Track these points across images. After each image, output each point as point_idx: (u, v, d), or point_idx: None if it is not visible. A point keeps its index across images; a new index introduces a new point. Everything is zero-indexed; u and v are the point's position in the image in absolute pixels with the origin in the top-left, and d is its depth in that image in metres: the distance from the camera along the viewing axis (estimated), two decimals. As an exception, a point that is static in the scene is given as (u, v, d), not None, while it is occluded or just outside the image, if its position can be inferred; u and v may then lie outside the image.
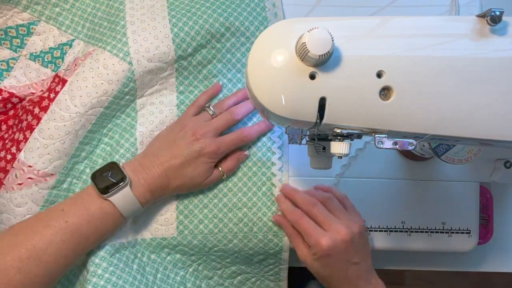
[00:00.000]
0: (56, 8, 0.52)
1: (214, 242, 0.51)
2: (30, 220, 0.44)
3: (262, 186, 0.52)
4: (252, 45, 0.34)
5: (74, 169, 0.50)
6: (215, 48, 0.50)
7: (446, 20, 0.34)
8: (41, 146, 0.47)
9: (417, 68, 0.32)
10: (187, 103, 0.52)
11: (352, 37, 0.33)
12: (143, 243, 0.51)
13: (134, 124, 0.51)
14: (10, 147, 0.48)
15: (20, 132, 0.49)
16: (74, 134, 0.47)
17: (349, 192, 0.54)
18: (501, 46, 0.33)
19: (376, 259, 0.61)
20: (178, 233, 0.51)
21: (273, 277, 0.54)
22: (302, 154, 0.52)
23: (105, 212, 0.44)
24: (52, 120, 0.47)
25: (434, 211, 0.54)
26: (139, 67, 0.48)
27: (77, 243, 0.43)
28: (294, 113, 0.33)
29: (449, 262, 0.62)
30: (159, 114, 0.52)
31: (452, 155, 0.48)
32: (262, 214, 0.52)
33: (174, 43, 0.48)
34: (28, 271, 0.41)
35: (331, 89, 0.32)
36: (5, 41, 0.53)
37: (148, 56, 0.48)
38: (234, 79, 0.53)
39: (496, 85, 0.33)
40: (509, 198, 0.61)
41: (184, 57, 0.49)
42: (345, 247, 0.45)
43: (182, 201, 0.52)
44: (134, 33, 0.48)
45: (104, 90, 0.47)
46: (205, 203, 0.52)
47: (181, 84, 0.52)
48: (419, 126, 0.33)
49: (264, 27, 0.52)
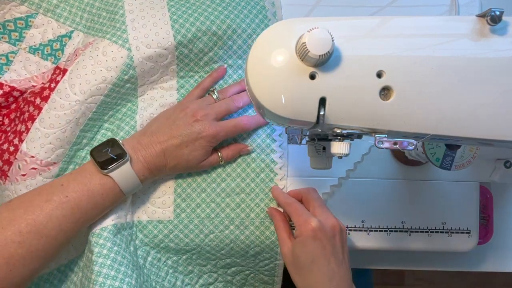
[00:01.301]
0: (54, 0, 0.52)
1: (211, 228, 0.51)
2: (29, 194, 0.44)
3: (261, 173, 0.52)
4: (252, 45, 0.34)
5: (76, 156, 0.50)
6: (216, 35, 0.50)
7: (446, 20, 0.34)
8: (42, 135, 0.47)
9: (417, 68, 0.32)
10: (188, 87, 0.52)
11: (352, 37, 0.33)
12: (139, 225, 0.51)
13: (135, 109, 0.51)
14: (13, 139, 0.48)
15: (22, 124, 0.49)
16: (75, 122, 0.47)
17: (349, 192, 0.54)
18: (501, 46, 0.33)
19: (376, 259, 0.61)
20: (175, 216, 0.51)
21: (268, 272, 0.54)
22: (302, 154, 0.52)
23: (105, 188, 0.44)
24: (53, 109, 0.47)
25: (434, 211, 0.54)
26: (138, 53, 0.48)
27: (77, 218, 0.43)
28: (294, 113, 0.33)
29: (449, 262, 0.62)
30: (160, 98, 0.52)
31: (458, 161, 0.47)
32: (260, 200, 0.52)
33: (173, 29, 0.48)
34: (28, 245, 0.40)
35: (331, 89, 0.32)
36: (4, 35, 0.53)
37: (147, 41, 0.48)
38: (235, 65, 0.53)
39: (496, 85, 0.33)
40: (509, 198, 0.61)
41: (184, 44, 0.49)
42: (332, 234, 0.44)
43: (180, 184, 0.52)
44: (133, 21, 0.49)
45: (103, 77, 0.47)
46: (203, 188, 0.52)
47: (182, 70, 0.52)
48: (419, 126, 0.33)
49: (263, 15, 0.52)
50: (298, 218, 0.45)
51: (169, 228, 0.51)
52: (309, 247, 0.44)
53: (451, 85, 0.33)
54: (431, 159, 0.47)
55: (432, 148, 0.47)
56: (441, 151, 0.47)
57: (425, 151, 0.47)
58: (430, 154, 0.47)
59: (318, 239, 0.44)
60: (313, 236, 0.44)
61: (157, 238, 0.51)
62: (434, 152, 0.47)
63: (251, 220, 0.51)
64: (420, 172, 0.55)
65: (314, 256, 0.44)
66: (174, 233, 0.51)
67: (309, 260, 0.44)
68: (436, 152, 0.47)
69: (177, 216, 0.51)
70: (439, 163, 0.47)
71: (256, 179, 0.52)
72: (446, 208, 0.54)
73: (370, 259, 0.60)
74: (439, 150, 0.47)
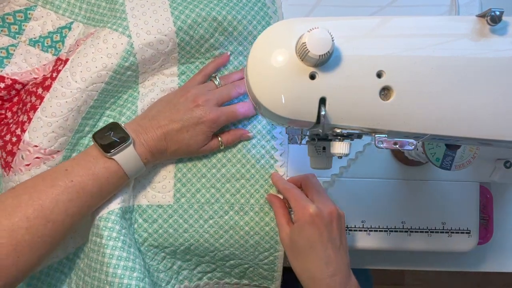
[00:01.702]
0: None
1: (210, 213, 0.51)
2: (33, 180, 0.43)
3: (261, 159, 0.52)
4: (252, 45, 0.34)
5: (79, 143, 0.50)
6: (217, 21, 0.50)
7: (446, 20, 0.34)
8: (44, 124, 0.47)
9: (417, 68, 0.32)
10: (189, 73, 0.53)
11: (352, 37, 0.33)
12: (138, 209, 0.51)
13: (136, 95, 0.52)
14: (15, 130, 0.48)
15: (24, 114, 0.49)
16: (77, 110, 0.48)
17: (349, 192, 0.54)
18: (501, 46, 0.33)
19: (376, 259, 0.61)
20: (175, 201, 0.51)
21: (268, 266, 0.53)
22: (302, 154, 0.52)
23: (109, 172, 0.44)
24: (54, 98, 0.47)
25: (434, 211, 0.54)
26: (138, 40, 0.48)
27: (83, 202, 0.43)
28: (294, 113, 0.33)
29: (449, 262, 0.62)
30: (161, 84, 0.52)
31: (458, 161, 0.48)
32: (260, 186, 0.52)
33: (173, 15, 0.49)
34: (35, 231, 0.40)
35: (331, 89, 0.32)
36: (3, 28, 0.53)
37: (147, 28, 0.48)
38: (235, 51, 0.53)
39: (496, 85, 0.33)
40: (509, 198, 0.61)
41: (185, 30, 0.50)
42: (329, 220, 0.44)
43: (181, 169, 0.52)
44: (132, 9, 0.49)
45: (103, 64, 0.47)
46: (203, 173, 0.52)
47: (183, 57, 0.52)
48: (419, 126, 0.33)
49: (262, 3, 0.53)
50: (296, 203, 0.46)
51: (168, 212, 0.51)
52: (306, 233, 0.44)
53: (451, 85, 0.33)
54: (431, 159, 0.47)
55: (432, 148, 0.47)
56: (441, 151, 0.47)
57: (425, 151, 0.47)
58: (430, 154, 0.47)
59: (315, 225, 0.44)
60: (310, 221, 0.44)
61: (156, 222, 0.51)
62: (434, 152, 0.47)
63: (250, 205, 0.52)
64: (420, 172, 0.55)
65: (312, 241, 0.44)
66: (173, 217, 0.51)
67: (306, 245, 0.44)
68: (436, 152, 0.47)
69: (177, 201, 0.51)
70: (439, 163, 0.47)
71: (256, 165, 0.52)
72: (446, 208, 0.54)
73: (370, 259, 0.60)
74: (439, 150, 0.47)
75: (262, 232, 0.51)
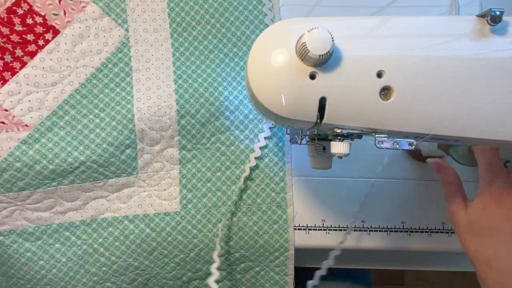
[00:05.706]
0: None
1: (218, 216, 0.51)
2: None
3: (265, 158, 0.53)
4: (252, 45, 0.34)
5: (53, 131, 0.48)
6: (210, 23, 0.51)
7: (446, 20, 0.34)
8: (23, 91, 0.46)
9: (417, 68, 0.32)
10: (185, 77, 0.52)
11: (352, 37, 0.33)
12: (145, 219, 0.51)
13: (130, 99, 0.50)
14: None
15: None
16: (60, 88, 0.48)
17: (349, 192, 0.54)
18: (501, 46, 0.33)
19: (376, 259, 0.61)
20: (182, 207, 0.51)
21: (279, 268, 0.53)
22: (302, 154, 0.52)
23: None
24: (40, 69, 0.47)
25: (434, 211, 0.54)
26: (135, 34, 0.50)
27: None
28: (294, 113, 0.33)
29: (449, 262, 0.62)
30: (157, 89, 0.51)
31: None
32: (265, 185, 0.52)
33: (168, 7, 0.51)
34: None
35: (331, 89, 0.32)
36: None
37: (144, 16, 0.50)
38: (230, 53, 0.53)
39: (496, 85, 0.33)
40: (509, 198, 0.61)
41: (180, 23, 0.51)
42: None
43: (185, 175, 0.52)
44: (135, 6, 0.51)
45: (98, 50, 0.49)
46: (208, 177, 0.52)
47: (178, 60, 0.52)
48: (419, 126, 0.33)
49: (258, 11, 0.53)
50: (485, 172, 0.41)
51: (176, 219, 0.51)
52: (492, 216, 0.40)
53: (451, 85, 0.33)
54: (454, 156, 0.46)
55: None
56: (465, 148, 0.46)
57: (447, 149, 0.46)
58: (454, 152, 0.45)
59: (503, 204, 0.40)
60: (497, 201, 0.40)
61: (164, 230, 0.51)
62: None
63: (257, 205, 0.52)
64: (421, 171, 0.55)
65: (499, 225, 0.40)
66: (181, 224, 0.51)
67: (490, 226, 0.40)
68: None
69: (184, 207, 0.51)
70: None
71: (260, 164, 0.52)
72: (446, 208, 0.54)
73: (370, 259, 0.60)
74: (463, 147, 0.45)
75: (271, 231, 0.52)
